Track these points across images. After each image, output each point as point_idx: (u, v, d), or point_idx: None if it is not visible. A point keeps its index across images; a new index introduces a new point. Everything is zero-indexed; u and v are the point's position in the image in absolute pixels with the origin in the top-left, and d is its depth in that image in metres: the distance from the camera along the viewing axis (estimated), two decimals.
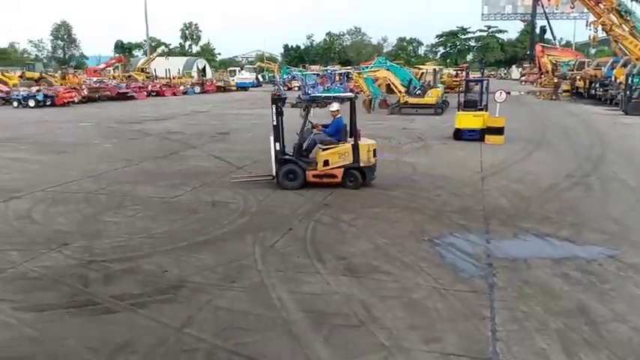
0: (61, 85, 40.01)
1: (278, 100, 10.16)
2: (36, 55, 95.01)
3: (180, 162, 13.34)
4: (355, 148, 10.02)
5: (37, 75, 46.19)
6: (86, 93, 35.51)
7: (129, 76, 52.60)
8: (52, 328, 4.90)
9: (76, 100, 33.23)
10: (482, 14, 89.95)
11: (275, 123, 10.06)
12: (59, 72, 51.24)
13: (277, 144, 10.09)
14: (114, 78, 50.20)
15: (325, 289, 5.70)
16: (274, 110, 10.05)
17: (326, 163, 10.07)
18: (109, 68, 57.00)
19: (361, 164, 10.07)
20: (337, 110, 10.38)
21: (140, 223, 8.12)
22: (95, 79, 45.77)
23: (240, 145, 16.07)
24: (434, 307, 5.28)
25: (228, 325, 4.95)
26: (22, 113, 28.01)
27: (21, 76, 44.80)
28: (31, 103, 31.12)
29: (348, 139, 10.21)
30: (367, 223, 8.07)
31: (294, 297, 5.48)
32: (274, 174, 10.21)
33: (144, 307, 5.29)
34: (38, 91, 32.65)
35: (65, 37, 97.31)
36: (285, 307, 5.26)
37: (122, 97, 38.27)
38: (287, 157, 10.19)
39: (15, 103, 31.49)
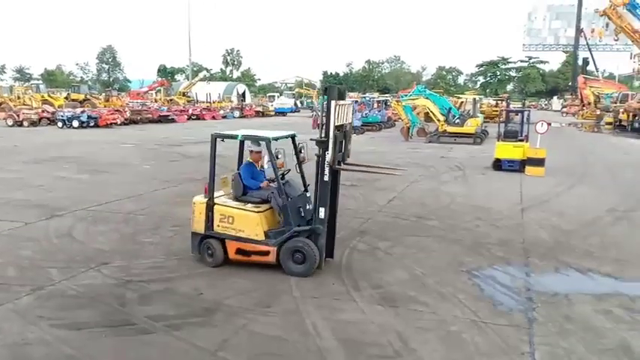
0: (105, 107, 41.28)
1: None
2: (81, 77, 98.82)
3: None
4: None
5: (81, 97, 47.82)
6: (128, 115, 36.35)
7: (170, 100, 53.89)
8: (89, 347, 4.97)
9: (118, 122, 34.07)
10: (524, 44, 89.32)
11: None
12: (103, 94, 53.09)
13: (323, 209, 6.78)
14: (156, 101, 51.49)
15: (361, 318, 5.64)
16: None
17: None
18: (151, 91, 58.59)
19: None
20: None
21: (178, 244, 8.21)
22: (138, 101, 47.05)
23: None
24: (472, 340, 5.18)
25: (262, 351, 4.94)
26: (66, 133, 28.93)
27: (66, 98, 46.49)
28: (75, 123, 32.00)
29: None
30: (404, 252, 7.98)
31: (329, 324, 5.44)
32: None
33: (179, 329, 5.32)
34: (82, 112, 33.66)
35: (110, 60, 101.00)
36: (320, 335, 5.22)
37: (163, 119, 39.21)
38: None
39: (59, 124, 32.39)
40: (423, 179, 14.72)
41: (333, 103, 6.46)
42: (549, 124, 17.08)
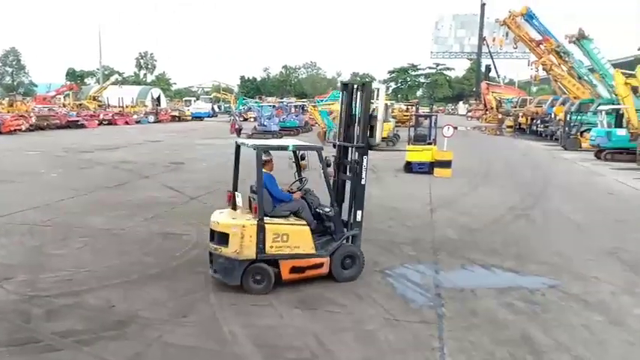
0: (8, 112, 38.64)
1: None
2: None
3: (131, 192, 13.09)
4: None
5: None
6: (34, 121, 34.49)
7: (80, 105, 51.46)
8: None
9: (23, 128, 32.17)
10: (432, 52, 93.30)
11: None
12: (6, 99, 49.60)
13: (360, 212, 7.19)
14: (64, 106, 48.92)
15: (278, 322, 5.69)
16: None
17: None
18: (59, 96, 55.55)
19: None
20: None
21: (87, 256, 7.90)
22: (45, 106, 44.38)
23: (195, 175, 15.94)
24: (385, 338, 5.36)
25: None
26: None
27: None
28: None
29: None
30: None
31: (247, 331, 5.44)
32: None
33: (89, 345, 5.12)
34: None
35: (14, 63, 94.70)
36: (237, 342, 5.22)
37: (72, 125, 37.45)
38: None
39: None
40: None
41: (383, 88, 6.73)
42: (455, 128, 18.03)
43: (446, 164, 16.32)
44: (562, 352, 5.14)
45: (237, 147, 7.14)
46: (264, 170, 6.81)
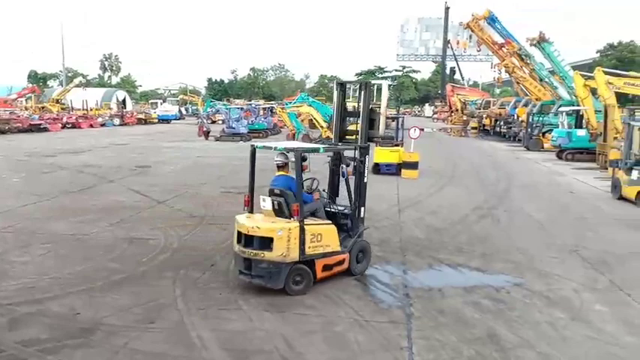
0: None
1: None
2: None
3: (96, 197, 12.84)
4: None
5: None
6: None
7: (42, 108, 50.24)
8: None
9: None
10: (397, 55, 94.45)
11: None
12: None
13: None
14: (26, 109, 47.67)
15: (248, 326, 5.67)
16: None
17: None
18: (21, 99, 54.08)
19: None
20: None
21: (51, 262, 7.73)
22: (6, 109, 43.15)
23: (161, 179, 15.72)
24: (355, 339, 5.40)
25: None
26: None
27: None
28: None
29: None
30: None
31: (216, 335, 5.41)
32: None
33: (53, 353, 5.02)
34: None
35: None
36: (206, 347, 5.17)
37: (35, 129, 36.51)
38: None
39: None
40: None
41: (385, 83, 7.42)
42: (422, 130, 18.21)
43: (413, 165, 16.54)
44: (527, 349, 5.27)
45: (253, 150, 7.14)
46: (282, 173, 7.02)
